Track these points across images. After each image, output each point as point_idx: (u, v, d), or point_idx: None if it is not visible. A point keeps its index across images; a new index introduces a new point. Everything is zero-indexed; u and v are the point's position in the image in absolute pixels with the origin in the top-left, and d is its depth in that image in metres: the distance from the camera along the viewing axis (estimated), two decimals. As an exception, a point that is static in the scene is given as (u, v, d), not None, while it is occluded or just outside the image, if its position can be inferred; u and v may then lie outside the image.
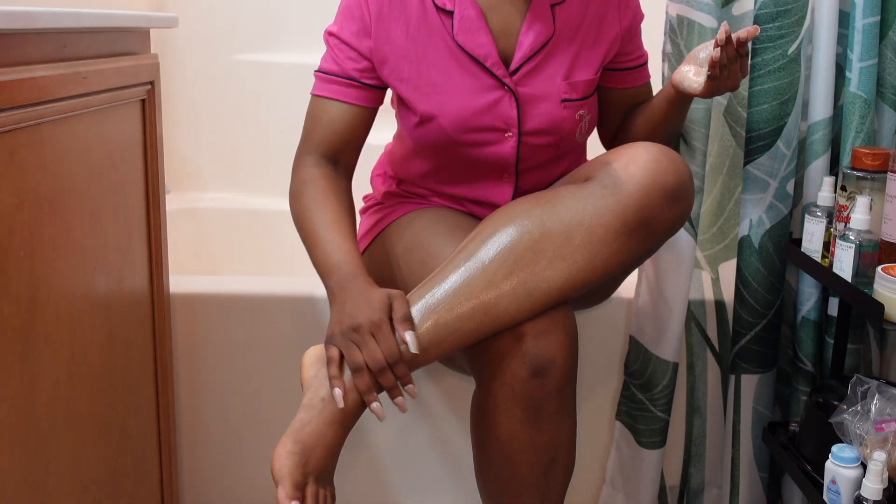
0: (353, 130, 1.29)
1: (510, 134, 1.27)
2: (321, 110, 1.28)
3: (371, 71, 1.27)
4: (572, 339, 1.11)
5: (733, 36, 1.18)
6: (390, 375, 1.06)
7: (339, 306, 1.10)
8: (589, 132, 1.35)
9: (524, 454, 1.11)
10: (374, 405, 1.06)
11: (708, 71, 1.21)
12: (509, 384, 1.09)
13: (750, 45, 1.37)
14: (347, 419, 1.08)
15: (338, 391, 1.06)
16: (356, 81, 1.27)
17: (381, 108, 1.35)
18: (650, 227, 1.12)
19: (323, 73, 1.29)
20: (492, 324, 1.09)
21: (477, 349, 1.12)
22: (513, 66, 1.26)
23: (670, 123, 1.34)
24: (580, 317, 1.49)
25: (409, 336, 1.06)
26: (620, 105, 1.40)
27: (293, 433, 1.06)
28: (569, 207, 1.12)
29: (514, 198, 1.33)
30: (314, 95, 1.30)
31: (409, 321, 1.07)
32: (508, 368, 1.09)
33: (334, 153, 1.29)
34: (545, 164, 1.33)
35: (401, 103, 1.30)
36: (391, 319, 1.08)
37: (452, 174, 1.34)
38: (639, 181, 1.11)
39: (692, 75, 1.24)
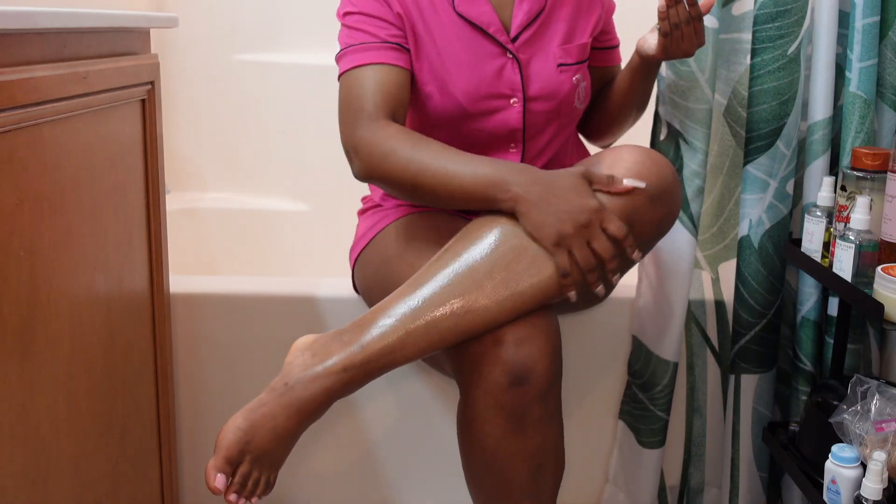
0: (403, 91, 1.25)
1: (515, 100, 1.30)
2: (365, 78, 1.23)
3: (403, 35, 1.27)
4: (554, 346, 1.10)
5: None
6: (616, 261, 1.09)
7: (546, 203, 1.09)
8: (586, 100, 1.39)
9: (511, 462, 1.10)
10: (600, 287, 1.09)
11: (658, 25, 1.27)
12: (490, 392, 1.08)
13: (751, 43, 1.38)
14: (306, 408, 1.06)
15: (573, 293, 1.09)
16: (393, 44, 1.25)
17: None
18: (632, 228, 1.12)
19: (354, 45, 1.25)
20: (472, 322, 1.08)
21: (457, 354, 1.11)
22: (512, 33, 1.30)
23: (636, 93, 1.40)
24: (585, 318, 1.49)
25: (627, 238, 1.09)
26: (596, 83, 1.46)
27: (247, 410, 1.06)
28: None
29: None
30: (350, 70, 1.25)
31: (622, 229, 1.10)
32: (489, 376, 1.07)
33: (392, 113, 1.23)
34: (548, 131, 1.35)
35: (413, 81, 1.30)
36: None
37: (461, 148, 1.33)
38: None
39: (650, 39, 1.32)
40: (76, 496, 1.09)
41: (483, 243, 1.11)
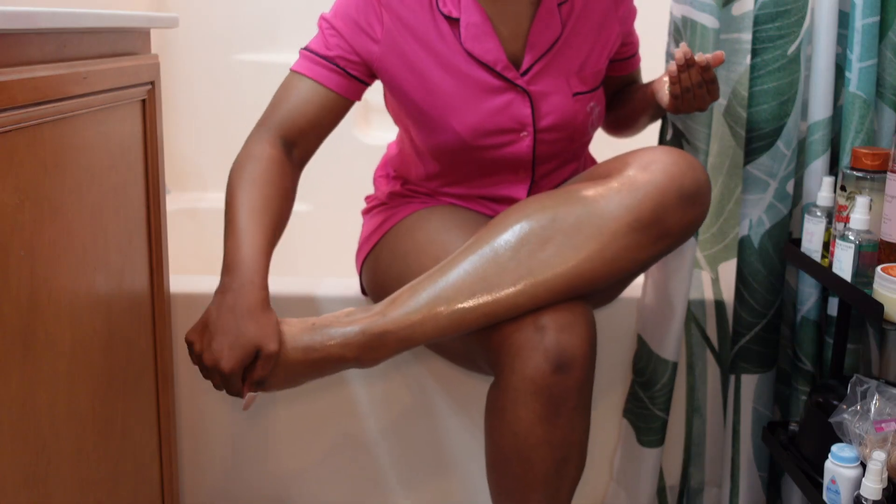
0: (323, 117, 1.26)
1: (525, 133, 1.28)
2: (296, 87, 1.26)
3: (360, 66, 1.27)
4: (593, 334, 1.12)
5: (699, 59, 1.21)
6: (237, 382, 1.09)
7: (220, 316, 1.09)
8: (598, 124, 1.38)
9: (539, 450, 1.11)
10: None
11: (668, 87, 1.25)
12: (529, 377, 1.09)
13: (751, 43, 1.38)
14: (315, 358, 1.11)
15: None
16: (341, 69, 1.26)
17: (381, 107, 1.35)
18: (663, 226, 1.13)
19: (309, 51, 1.27)
20: (494, 307, 1.10)
21: (494, 340, 1.13)
22: (524, 66, 1.27)
23: (651, 115, 1.41)
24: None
25: (247, 398, 1.10)
26: (614, 89, 1.47)
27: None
28: (582, 202, 1.13)
29: (530, 192, 1.34)
30: (293, 71, 1.27)
31: (258, 384, 1.09)
32: (529, 362, 1.09)
33: (295, 136, 1.25)
34: (559, 156, 1.34)
35: (415, 112, 1.30)
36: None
37: (466, 174, 1.34)
38: (656, 181, 1.12)
39: (666, 88, 1.29)
40: (76, 496, 1.09)
41: (509, 231, 1.13)
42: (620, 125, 1.48)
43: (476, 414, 1.53)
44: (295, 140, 1.26)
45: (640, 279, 1.48)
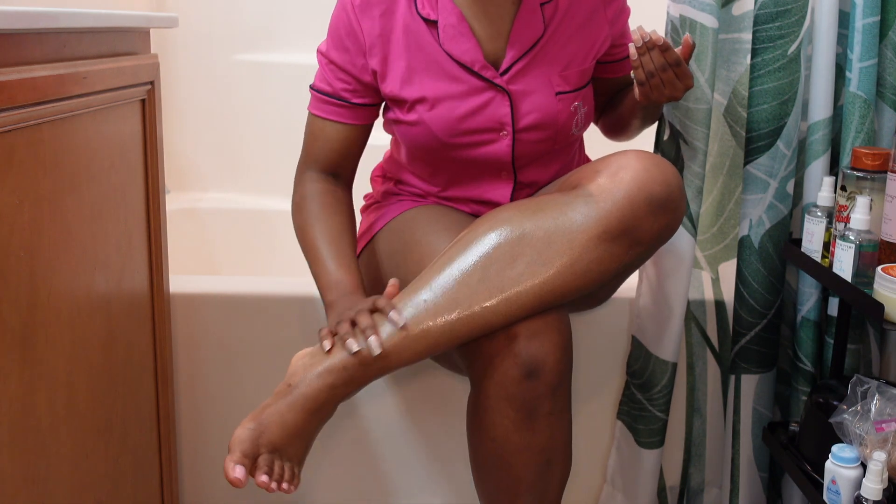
0: (350, 147, 1.33)
1: (504, 133, 1.28)
2: (317, 128, 1.33)
3: (363, 91, 1.29)
4: (565, 340, 1.11)
5: (655, 38, 1.18)
6: (367, 317, 1.10)
7: (336, 314, 1.16)
8: (585, 125, 1.36)
9: (519, 455, 1.11)
10: (349, 341, 1.08)
11: (632, 73, 1.23)
12: (501, 384, 1.09)
13: (751, 43, 1.38)
14: (310, 405, 1.08)
15: (326, 342, 1.10)
16: (347, 102, 1.30)
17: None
18: (634, 235, 1.12)
19: (317, 91, 1.32)
20: (466, 327, 1.09)
21: (469, 349, 1.12)
22: (504, 65, 1.27)
23: (642, 116, 1.38)
24: (583, 318, 1.49)
25: (392, 314, 1.09)
26: (609, 92, 1.45)
27: (253, 413, 1.08)
28: (551, 214, 1.12)
29: (513, 194, 1.34)
30: (310, 112, 1.33)
31: (389, 305, 1.11)
32: (500, 369, 1.09)
33: (334, 166, 1.34)
34: (543, 158, 1.34)
35: (395, 110, 1.31)
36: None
37: (450, 176, 1.35)
38: (624, 189, 1.11)
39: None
40: (76, 496, 1.09)
41: (479, 246, 1.11)
42: (615, 129, 1.47)
43: (476, 414, 1.53)
44: (335, 169, 1.34)
45: (634, 280, 1.48)
